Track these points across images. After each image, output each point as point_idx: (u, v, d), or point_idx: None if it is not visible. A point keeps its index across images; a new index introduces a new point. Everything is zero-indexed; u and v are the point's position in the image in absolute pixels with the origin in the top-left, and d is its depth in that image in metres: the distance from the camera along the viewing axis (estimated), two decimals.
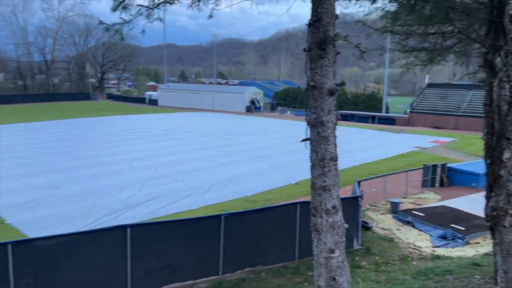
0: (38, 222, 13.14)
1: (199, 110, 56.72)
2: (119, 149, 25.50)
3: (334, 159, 4.68)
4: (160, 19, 5.37)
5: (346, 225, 4.81)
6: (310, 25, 4.60)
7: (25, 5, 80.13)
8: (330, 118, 4.59)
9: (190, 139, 30.00)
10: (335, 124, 4.66)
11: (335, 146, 4.70)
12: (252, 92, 57.34)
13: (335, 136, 4.66)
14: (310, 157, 4.84)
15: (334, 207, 4.72)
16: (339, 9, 5.53)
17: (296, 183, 18.44)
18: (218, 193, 16.77)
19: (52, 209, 14.36)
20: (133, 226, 8.85)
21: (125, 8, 4.90)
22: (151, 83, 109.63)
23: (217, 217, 9.77)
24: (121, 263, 8.63)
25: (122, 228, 8.73)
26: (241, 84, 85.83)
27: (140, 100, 71.50)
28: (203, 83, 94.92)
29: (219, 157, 23.71)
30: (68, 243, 8.35)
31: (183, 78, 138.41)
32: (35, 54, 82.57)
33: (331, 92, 4.57)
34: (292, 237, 10.75)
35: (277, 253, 10.58)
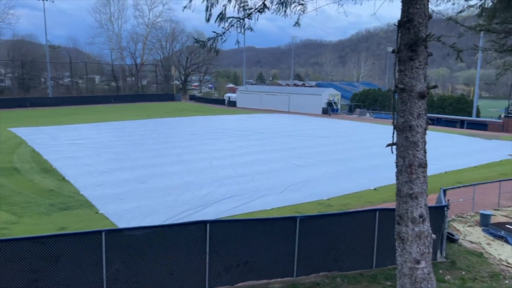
0: (126, 213, 14.23)
1: (275, 111, 57.22)
2: (200, 148, 26.67)
3: (423, 165, 4.44)
4: (251, 29, 5.54)
5: (433, 236, 4.52)
6: (400, 25, 4.42)
7: (120, 13, 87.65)
8: (420, 122, 4.36)
9: (267, 140, 30.37)
10: (425, 129, 4.42)
11: (425, 152, 4.46)
12: (330, 94, 56.43)
13: (424, 142, 4.41)
14: (397, 162, 4.64)
15: (421, 216, 4.48)
16: (429, 7, 5.23)
17: (374, 189, 17.78)
18: (293, 194, 16.77)
19: (139, 202, 15.47)
20: (212, 222, 9.20)
21: (222, 19, 5.13)
22: (231, 85, 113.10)
23: (293, 218, 9.77)
24: (200, 257, 9.01)
25: (202, 223, 9.11)
26: (318, 85, 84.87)
27: (220, 102, 74.02)
28: (280, 84, 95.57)
29: (294, 158, 23.70)
30: (153, 235, 8.94)
31: (261, 80, 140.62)
32: (127, 58, 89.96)
33: (422, 95, 4.34)
34: (370, 244, 10.39)
35: (354, 260, 10.30)
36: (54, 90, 74.72)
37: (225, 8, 5.28)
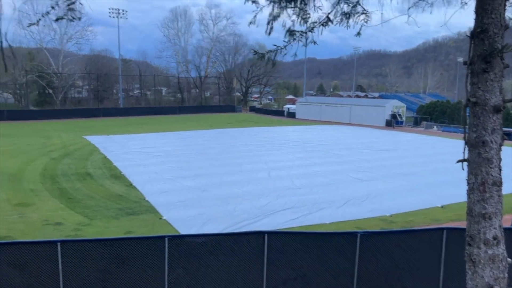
0: (188, 220, 14.71)
1: (336, 123, 56.30)
2: (259, 158, 26.93)
3: (498, 184, 4.13)
4: (314, 42, 5.56)
5: (509, 260, 4.17)
6: (473, 36, 4.18)
7: (187, 28, 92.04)
8: (494, 138, 4.07)
9: (326, 152, 29.94)
10: (500, 145, 4.12)
11: (500, 169, 4.15)
12: (394, 105, 54.46)
13: (499, 159, 4.11)
14: (468, 180, 4.36)
15: (495, 238, 4.16)
16: (506, 15, 4.90)
17: (442, 206, 16.77)
18: (353, 209, 16.31)
19: (199, 209, 15.92)
20: (270, 233, 9.22)
21: (292, 34, 5.22)
22: (290, 96, 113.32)
23: (353, 234, 9.50)
24: (258, 268, 9.04)
25: (260, 234, 9.16)
26: (381, 97, 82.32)
27: (280, 113, 74.39)
28: (341, 96, 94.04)
29: (355, 172, 23.09)
30: (213, 243, 9.14)
31: (321, 91, 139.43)
32: (192, 70, 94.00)
33: (497, 109, 4.06)
34: (436, 265, 9.77)
35: (418, 281, 9.74)
36: (125, 101, 79.76)
37: (293, 23, 5.35)
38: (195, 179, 20.84)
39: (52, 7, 4.43)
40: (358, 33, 5.93)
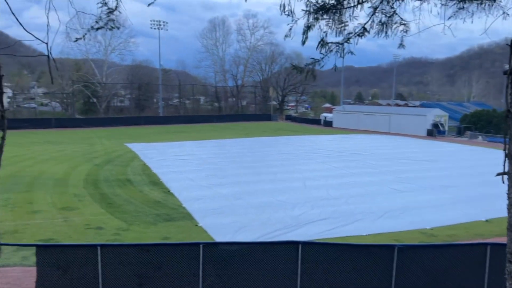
0: (222, 228, 14.84)
1: (374, 132, 55.11)
2: (294, 168, 26.79)
3: None
4: (351, 52, 5.53)
5: None
6: None
7: (225, 38, 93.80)
8: None
9: (363, 162, 29.34)
10: None
11: None
12: (436, 114, 52.65)
13: None
14: (508, 194, 4.17)
15: None
16: None
17: (486, 220, 15.97)
18: (391, 221, 15.85)
19: (234, 217, 16.03)
20: (305, 244, 9.13)
21: (323, 46, 5.23)
22: (327, 105, 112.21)
23: (390, 247, 9.23)
24: (292, 278, 8.97)
25: (294, 244, 9.09)
26: (422, 105, 79.83)
27: (316, 122, 73.81)
28: (380, 104, 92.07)
29: (394, 183, 22.47)
30: (246, 251, 9.17)
31: (359, 99, 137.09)
32: (229, 80, 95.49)
33: None
34: (479, 282, 9.31)
35: None
36: (164, 110, 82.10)
37: (326, 34, 5.35)
38: (230, 187, 21.03)
39: (96, 22, 4.69)
40: (401, 45, 5.83)
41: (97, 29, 4.71)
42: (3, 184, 21.00)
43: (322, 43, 5.22)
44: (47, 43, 4.03)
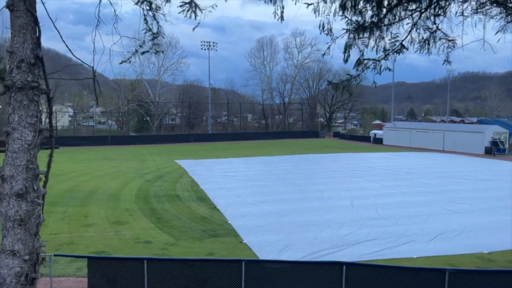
0: (267, 245, 14.77)
1: (427, 150, 52.85)
2: (341, 186, 26.26)
3: None
4: (389, 69, 5.45)
5: None
6: None
7: (272, 57, 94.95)
8: None
9: (415, 181, 28.16)
10: None
11: None
12: (495, 132, 49.61)
13: None
14: None
15: None
16: None
17: None
18: (445, 244, 14.99)
19: (279, 235, 15.91)
20: (349, 265, 8.88)
21: (359, 64, 5.22)
22: (377, 121, 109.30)
23: (441, 271, 8.74)
24: None
25: (338, 264, 8.88)
26: (480, 122, 75.66)
27: (365, 139, 72.17)
28: (434, 121, 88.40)
29: (448, 203, 21.31)
30: (289, 270, 9.07)
31: (411, 116, 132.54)
32: (276, 97, 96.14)
33: None
34: None
35: None
36: (213, 127, 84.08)
37: (362, 53, 5.32)
38: (275, 204, 20.97)
39: (140, 46, 5.00)
40: (446, 61, 5.65)
41: (142, 53, 5.01)
42: (61, 198, 22.38)
43: (359, 61, 5.19)
44: (92, 67, 4.35)
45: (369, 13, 5.25)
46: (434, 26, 5.22)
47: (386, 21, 5.18)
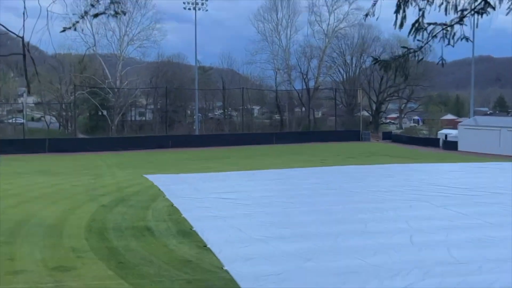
0: None
1: None
2: (395, 213, 26.10)
3: None
4: (466, 38, 5.38)
5: None
6: None
7: (290, 20, 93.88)
8: None
9: (507, 207, 27.91)
10: None
11: None
12: None
13: None
14: None
15: None
16: None
17: None
18: None
19: None
20: None
21: (418, 29, 5.15)
22: (449, 116, 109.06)
23: None
24: None
25: None
26: None
27: (431, 142, 72.03)
28: None
29: None
30: None
31: (501, 107, 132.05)
32: (296, 80, 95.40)
33: None
34: None
35: None
36: (202, 126, 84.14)
37: (423, 13, 5.24)
38: (296, 241, 20.86)
39: (92, 5, 4.98)
40: None
41: (95, 15, 4.98)
42: None
43: (417, 26, 5.11)
44: (22, 37, 4.32)
45: None
46: None
47: None
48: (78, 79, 79.96)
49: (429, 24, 5.27)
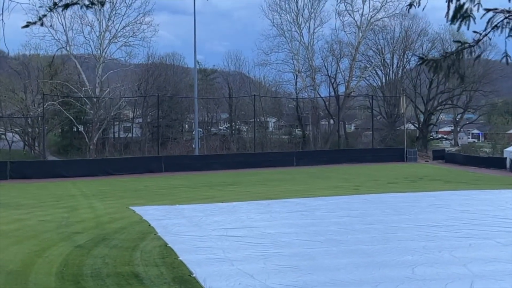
0: None
1: None
2: (450, 254, 25.94)
3: None
4: None
5: None
6: None
7: (314, 10, 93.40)
8: None
9: None
10: None
11: None
12: None
13: None
14: None
15: None
16: None
17: None
18: None
19: None
20: None
21: (465, 17, 5.17)
22: None
23: None
24: None
25: None
26: None
27: (496, 163, 71.63)
28: None
29: None
30: None
31: None
32: (321, 85, 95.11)
33: None
34: None
35: None
36: (203, 144, 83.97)
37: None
38: None
39: (71, 3, 5.02)
40: None
41: (65, 6, 5.02)
42: None
43: (463, 12, 5.12)
44: None
45: None
46: None
47: None
48: (48, 87, 79.94)
49: (488, 10, 5.28)
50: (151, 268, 24.56)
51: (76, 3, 5.05)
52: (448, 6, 5.32)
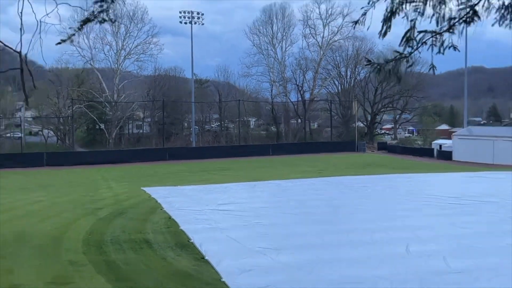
0: None
1: None
2: (391, 224, 25.96)
3: None
4: (454, 47, 5.37)
5: None
6: None
7: (285, 33, 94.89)
8: None
9: (503, 215, 27.87)
10: None
11: None
12: None
13: None
14: None
15: None
16: None
17: None
18: None
19: None
20: None
21: (408, 40, 5.15)
22: (444, 126, 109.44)
23: None
24: None
25: None
26: None
27: (426, 152, 72.32)
28: None
29: None
30: None
31: (495, 117, 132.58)
32: (291, 92, 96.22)
33: None
34: None
35: None
36: (199, 138, 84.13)
37: (414, 24, 5.22)
38: (296, 253, 20.73)
39: (89, 19, 4.89)
40: None
41: (83, 23, 4.90)
42: None
43: (408, 37, 5.09)
44: (20, 52, 4.23)
45: None
46: None
47: None
48: (76, 93, 79.94)
49: (420, 32, 5.27)
50: (158, 236, 24.44)
51: (92, 20, 4.94)
52: (382, 27, 5.32)
